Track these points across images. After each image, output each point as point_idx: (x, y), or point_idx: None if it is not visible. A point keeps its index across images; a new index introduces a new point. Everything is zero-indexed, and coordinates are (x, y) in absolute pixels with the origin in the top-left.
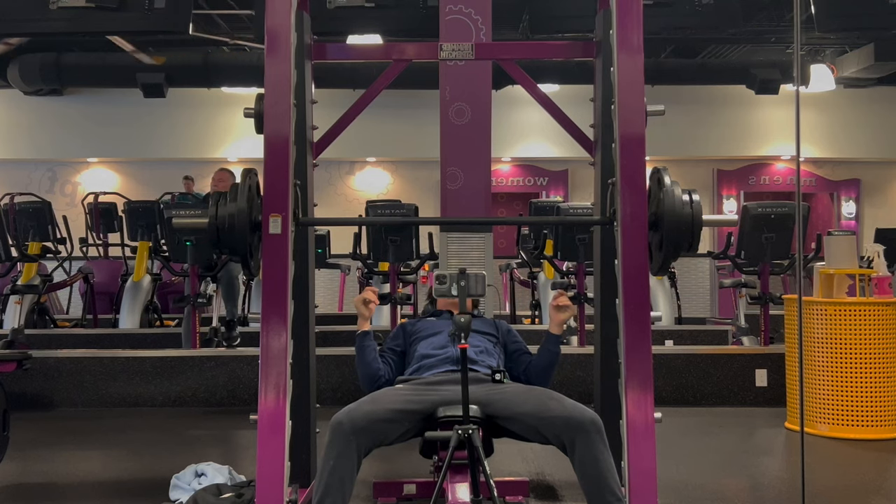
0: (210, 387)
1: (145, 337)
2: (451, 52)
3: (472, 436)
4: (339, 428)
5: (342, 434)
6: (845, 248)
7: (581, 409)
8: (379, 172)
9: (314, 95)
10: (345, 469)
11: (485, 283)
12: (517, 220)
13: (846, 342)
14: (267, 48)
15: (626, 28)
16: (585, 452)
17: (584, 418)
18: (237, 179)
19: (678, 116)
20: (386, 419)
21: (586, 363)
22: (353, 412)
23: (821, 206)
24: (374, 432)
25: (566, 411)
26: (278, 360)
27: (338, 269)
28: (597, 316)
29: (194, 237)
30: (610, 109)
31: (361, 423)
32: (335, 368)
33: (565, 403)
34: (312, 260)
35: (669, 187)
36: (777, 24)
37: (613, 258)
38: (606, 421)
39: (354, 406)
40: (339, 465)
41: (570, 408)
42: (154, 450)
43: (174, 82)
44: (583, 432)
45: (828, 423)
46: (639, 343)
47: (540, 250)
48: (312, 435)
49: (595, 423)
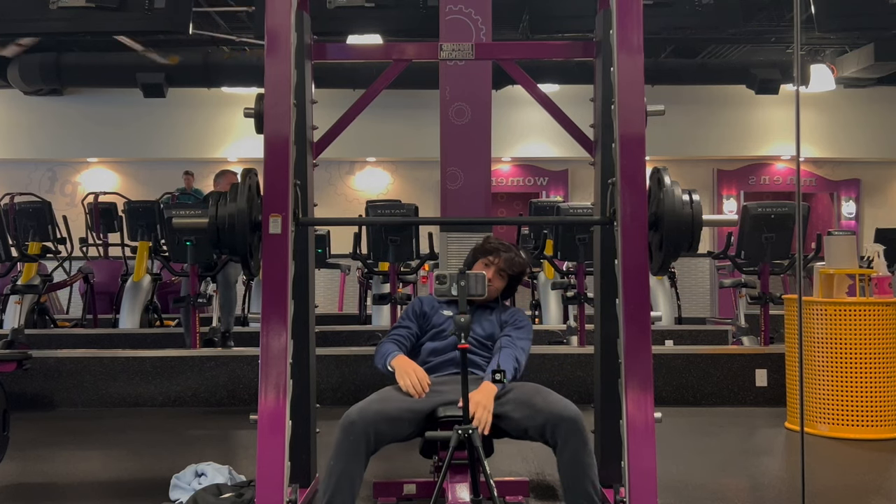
0: (210, 387)
1: (145, 337)
2: (451, 52)
3: (472, 436)
4: (351, 428)
5: (354, 433)
6: (845, 248)
7: (563, 404)
8: (379, 172)
9: (314, 95)
10: (355, 469)
11: (485, 283)
12: (517, 220)
13: (846, 342)
14: (267, 48)
15: (626, 28)
16: (564, 449)
17: (564, 414)
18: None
19: (678, 116)
20: (396, 418)
21: (586, 363)
22: (364, 411)
23: (821, 206)
24: (384, 432)
25: (548, 406)
26: (278, 360)
27: (338, 269)
28: (597, 316)
29: (194, 237)
30: (610, 109)
31: (373, 422)
32: (335, 368)
33: (549, 398)
34: (312, 260)
35: (669, 187)
36: (777, 23)
37: (613, 258)
38: (606, 421)
39: (364, 405)
40: (349, 464)
41: (553, 402)
42: (154, 450)
43: (174, 82)
44: (561, 429)
45: (828, 423)
46: (639, 343)
47: (540, 250)
48: (312, 435)
49: (574, 420)
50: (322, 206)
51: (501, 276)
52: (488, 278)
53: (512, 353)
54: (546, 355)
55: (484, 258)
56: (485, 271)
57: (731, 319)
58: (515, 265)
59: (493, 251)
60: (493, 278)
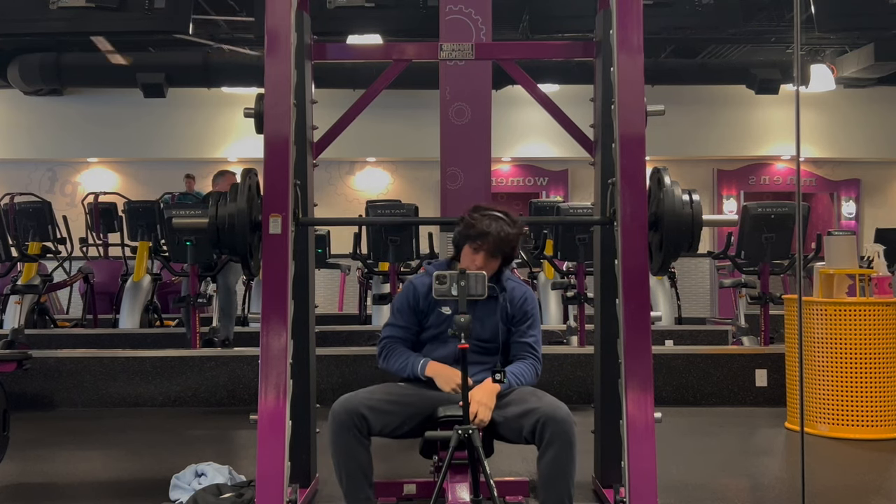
0: (210, 387)
1: (145, 337)
2: (451, 52)
3: (473, 436)
4: (336, 417)
5: (341, 421)
6: (845, 248)
7: (556, 405)
8: (379, 172)
9: (314, 95)
10: (358, 452)
11: (485, 283)
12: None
13: (846, 342)
14: (267, 48)
15: (626, 28)
16: (548, 448)
17: (556, 415)
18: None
19: (678, 116)
20: (381, 409)
21: (586, 363)
22: (349, 400)
23: (821, 206)
24: (369, 418)
25: (542, 405)
26: (278, 360)
27: (338, 269)
28: (597, 316)
29: (194, 237)
30: (610, 109)
31: (357, 409)
32: (335, 368)
33: (544, 399)
34: (312, 260)
35: (669, 187)
36: (777, 24)
37: (613, 258)
38: (606, 421)
39: (351, 394)
40: (350, 450)
41: (547, 403)
42: (154, 450)
43: (174, 82)
44: (549, 428)
45: (828, 423)
46: (639, 343)
47: (540, 250)
48: (312, 435)
49: (564, 422)
50: (322, 206)
51: (494, 257)
52: (479, 265)
53: (521, 370)
54: (546, 355)
55: (472, 243)
56: (474, 257)
57: (731, 319)
58: (506, 243)
59: (480, 235)
60: (485, 263)
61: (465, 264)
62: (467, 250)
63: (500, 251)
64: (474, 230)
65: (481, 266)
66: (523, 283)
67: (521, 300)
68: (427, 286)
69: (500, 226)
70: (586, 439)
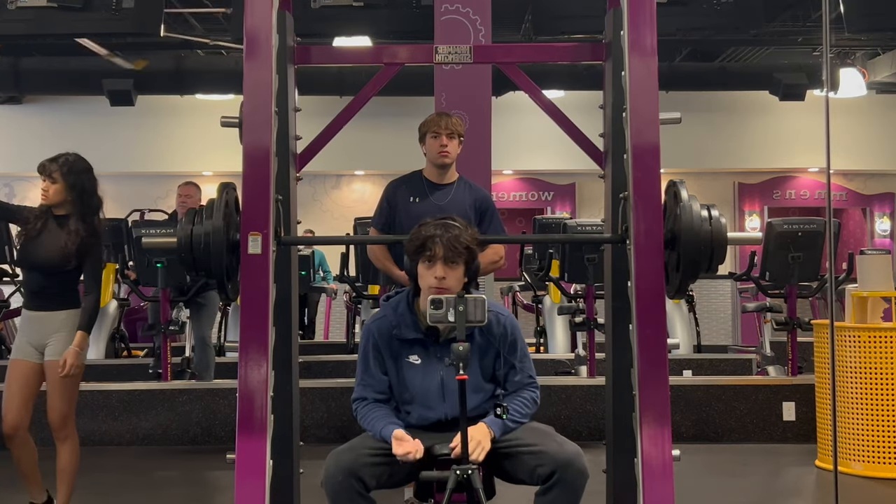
0: (183, 423)
1: (111, 368)
2: (447, 55)
3: (472, 476)
4: (332, 478)
5: (337, 483)
6: (879, 268)
7: (571, 448)
8: (368, 187)
9: (297, 103)
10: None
11: (485, 309)
12: (520, 238)
13: (882, 371)
14: (246, 51)
15: (638, 29)
16: (559, 492)
17: (576, 463)
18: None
19: (695, 125)
20: (374, 463)
21: (597, 396)
22: (341, 459)
23: (852, 222)
24: (364, 477)
25: (563, 452)
26: (258, 393)
27: (323, 292)
28: (608, 344)
29: (165, 258)
30: (621, 117)
31: (352, 468)
32: (321, 402)
33: (557, 439)
34: (295, 283)
35: (687, 202)
36: (803, 24)
37: (626, 280)
38: (619, 459)
39: (343, 450)
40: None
41: (568, 450)
42: (121, 493)
43: (144, 89)
44: (567, 474)
45: (863, 460)
46: (655, 373)
47: (545, 271)
48: (295, 476)
49: (582, 474)
50: (306, 224)
51: (454, 263)
52: (440, 276)
53: (523, 402)
54: (553, 387)
55: (422, 256)
56: (433, 271)
57: (755, 347)
58: (458, 241)
59: (426, 243)
60: (447, 274)
61: (426, 284)
62: (422, 269)
63: (457, 255)
64: (418, 240)
65: (443, 277)
66: (494, 303)
67: (502, 328)
68: (386, 327)
69: (444, 228)
70: (598, 480)
